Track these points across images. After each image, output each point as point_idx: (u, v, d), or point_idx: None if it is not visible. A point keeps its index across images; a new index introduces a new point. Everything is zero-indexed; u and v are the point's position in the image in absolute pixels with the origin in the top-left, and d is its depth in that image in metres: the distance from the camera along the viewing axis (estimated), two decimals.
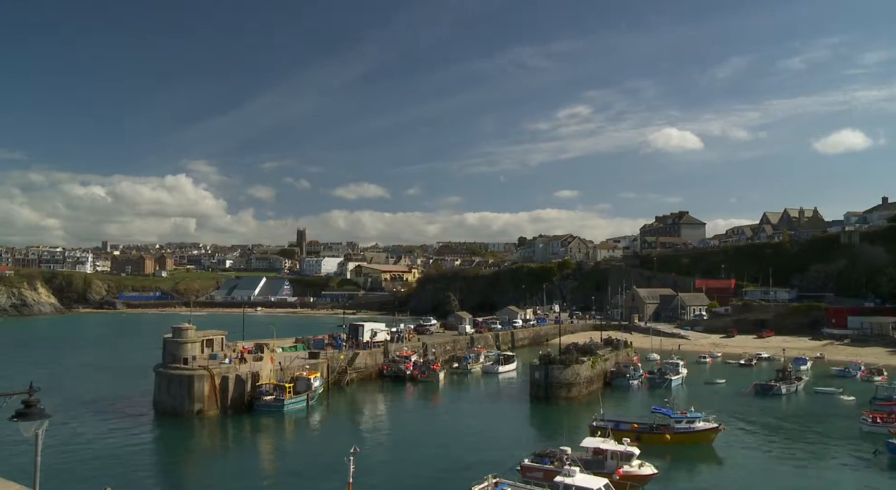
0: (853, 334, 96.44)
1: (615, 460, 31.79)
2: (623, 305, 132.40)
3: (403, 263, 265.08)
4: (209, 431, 46.41)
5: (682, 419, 40.81)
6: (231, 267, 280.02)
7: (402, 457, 38.32)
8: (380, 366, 69.11)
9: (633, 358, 77.98)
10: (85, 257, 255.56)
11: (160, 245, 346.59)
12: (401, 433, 45.57)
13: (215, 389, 49.36)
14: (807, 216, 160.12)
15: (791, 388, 59.90)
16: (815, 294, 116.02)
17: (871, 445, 38.68)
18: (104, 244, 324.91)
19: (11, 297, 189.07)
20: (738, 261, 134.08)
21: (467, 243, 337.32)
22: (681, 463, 36.66)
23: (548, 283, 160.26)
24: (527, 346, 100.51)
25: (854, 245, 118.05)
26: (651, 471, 31.79)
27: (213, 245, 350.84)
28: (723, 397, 58.42)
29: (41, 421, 10.77)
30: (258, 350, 60.25)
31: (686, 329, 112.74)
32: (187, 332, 52.28)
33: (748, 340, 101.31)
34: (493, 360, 76.89)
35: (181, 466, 38.82)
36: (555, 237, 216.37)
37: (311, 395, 52.89)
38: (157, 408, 50.21)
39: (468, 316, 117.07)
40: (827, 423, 48.44)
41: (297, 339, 75.01)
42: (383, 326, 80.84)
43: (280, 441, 44.51)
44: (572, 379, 57.13)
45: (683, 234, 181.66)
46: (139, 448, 40.96)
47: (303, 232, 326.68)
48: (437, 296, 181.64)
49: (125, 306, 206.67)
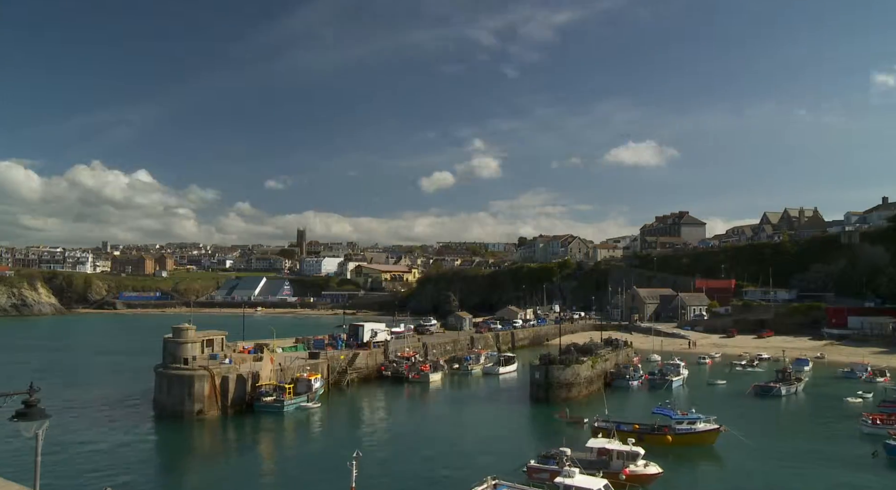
0: (853, 334, 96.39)
1: (621, 460, 31.82)
2: (623, 305, 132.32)
3: (403, 263, 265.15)
4: (209, 432, 46.35)
5: (683, 420, 40.75)
6: (231, 267, 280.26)
7: (402, 458, 38.25)
8: (380, 366, 69.10)
9: (633, 358, 78.00)
10: (85, 257, 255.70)
11: (160, 245, 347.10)
12: (401, 434, 45.48)
13: (215, 390, 49.32)
14: (807, 216, 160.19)
15: (791, 389, 59.78)
16: (815, 294, 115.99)
17: (870, 447, 38.63)
18: (104, 244, 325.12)
19: (11, 297, 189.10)
20: (738, 261, 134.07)
21: (467, 243, 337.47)
22: (682, 464, 36.61)
23: (548, 283, 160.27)
24: (527, 347, 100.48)
25: (854, 245, 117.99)
26: (657, 470, 31.80)
27: (213, 245, 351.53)
28: (723, 398, 58.37)
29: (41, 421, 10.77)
30: (258, 350, 60.25)
31: (686, 329, 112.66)
32: (187, 332, 52.23)
33: (748, 340, 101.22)
34: (494, 361, 76.80)
35: (181, 467, 38.77)
36: (555, 237, 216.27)
37: (311, 396, 52.80)
38: (157, 408, 50.20)
39: (468, 316, 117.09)
40: (827, 424, 48.38)
41: (297, 339, 74.99)
42: (383, 326, 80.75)
43: (280, 442, 44.43)
44: (572, 379, 57.08)
45: (683, 234, 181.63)
46: (139, 448, 40.94)
47: (303, 232, 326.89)
48: (437, 296, 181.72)
49: (125, 306, 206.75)
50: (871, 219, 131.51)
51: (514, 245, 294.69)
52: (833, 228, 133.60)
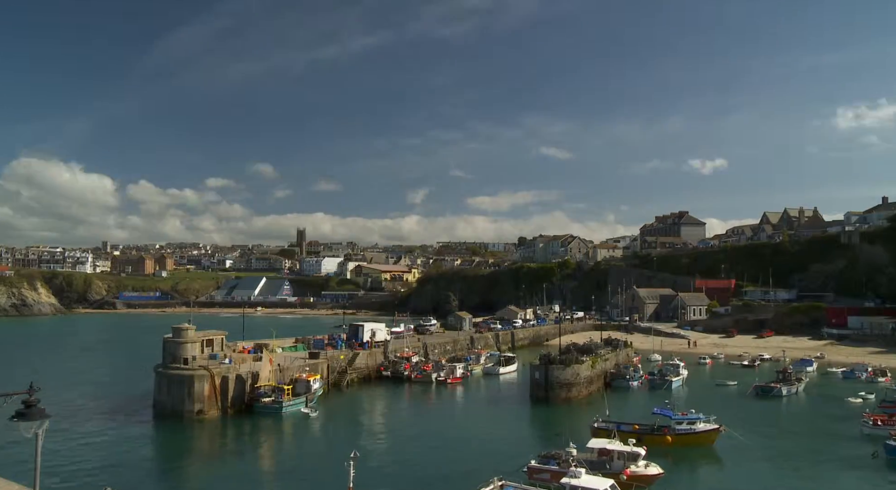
0: (853, 334, 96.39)
1: (622, 461, 31.77)
2: (623, 305, 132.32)
3: (403, 263, 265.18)
4: (209, 432, 46.31)
5: (683, 421, 40.72)
6: (231, 267, 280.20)
7: (402, 459, 38.22)
8: (380, 366, 69.06)
9: (633, 359, 77.95)
10: (85, 257, 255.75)
11: (160, 245, 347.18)
12: (401, 435, 45.43)
13: (215, 390, 49.30)
14: (807, 216, 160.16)
15: (792, 389, 59.75)
16: (815, 294, 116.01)
17: (871, 447, 38.62)
18: (104, 244, 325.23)
19: (11, 297, 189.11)
20: (738, 261, 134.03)
21: (467, 243, 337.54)
22: (682, 464, 36.59)
23: (548, 283, 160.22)
24: (527, 347, 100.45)
25: (854, 245, 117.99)
26: (657, 471, 31.75)
27: (213, 245, 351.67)
28: (723, 399, 58.31)
29: (41, 421, 10.76)
30: (258, 350, 60.21)
31: (686, 329, 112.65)
32: (187, 332, 52.21)
33: (748, 340, 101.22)
34: (494, 361, 76.73)
35: (181, 467, 38.74)
36: (555, 237, 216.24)
37: (310, 397, 52.68)
38: (157, 408, 50.14)
39: (468, 316, 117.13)
40: (827, 424, 48.32)
41: (296, 339, 74.94)
42: (383, 326, 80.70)
43: (279, 442, 44.40)
44: (572, 379, 57.06)
45: (683, 234, 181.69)
46: (139, 448, 40.91)
47: (303, 232, 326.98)
48: (437, 296, 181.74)
49: (125, 306, 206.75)
50: (871, 219, 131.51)
51: (514, 245, 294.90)
52: (833, 228, 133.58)
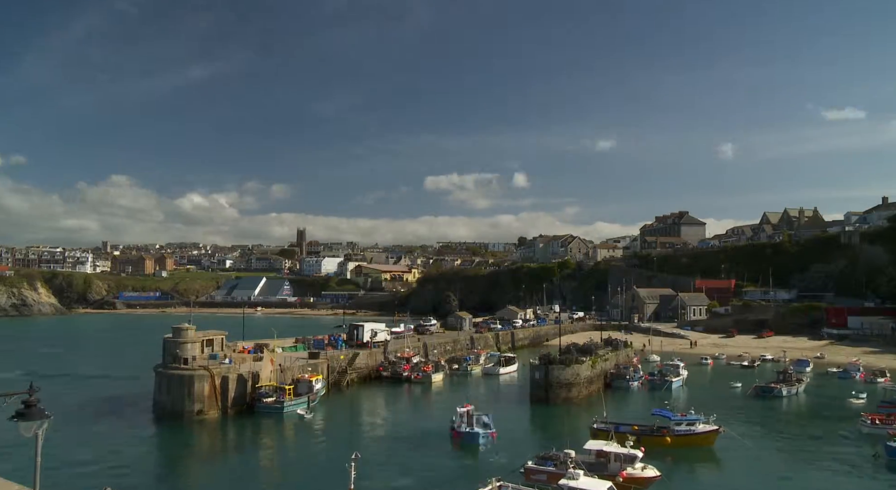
0: (853, 334, 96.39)
1: (619, 463, 31.72)
2: (623, 305, 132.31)
3: (403, 263, 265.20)
4: (209, 432, 46.34)
5: (683, 421, 40.70)
6: (231, 267, 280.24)
7: (402, 459, 38.19)
8: (379, 366, 69.07)
9: (633, 359, 77.90)
10: (85, 257, 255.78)
11: (160, 245, 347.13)
12: (401, 435, 45.39)
13: (215, 390, 49.32)
14: (807, 216, 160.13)
15: (792, 389, 59.75)
16: (815, 294, 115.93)
17: (870, 447, 38.65)
18: (104, 244, 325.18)
19: (11, 297, 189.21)
20: (738, 261, 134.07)
21: (467, 243, 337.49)
22: (681, 465, 36.58)
23: (548, 283, 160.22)
24: (527, 347, 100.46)
25: (854, 245, 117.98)
26: (654, 473, 31.67)
27: (213, 245, 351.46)
28: (723, 399, 58.27)
29: (41, 421, 10.77)
30: (258, 350, 60.23)
31: (686, 329, 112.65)
32: (187, 332, 52.25)
33: (748, 340, 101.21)
34: (494, 361, 76.71)
35: (181, 467, 38.80)
36: (555, 237, 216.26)
37: (312, 397, 52.69)
38: (157, 408, 50.16)
39: (468, 316, 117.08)
40: (827, 425, 48.36)
41: (296, 339, 74.98)
42: (383, 326, 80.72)
43: (279, 442, 44.40)
44: (572, 379, 57.05)
45: (683, 234, 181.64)
46: (139, 448, 40.94)
47: (303, 232, 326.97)
48: (437, 296, 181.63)
49: (125, 306, 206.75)
50: (871, 219, 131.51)
51: (514, 245, 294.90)
52: (833, 228, 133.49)
